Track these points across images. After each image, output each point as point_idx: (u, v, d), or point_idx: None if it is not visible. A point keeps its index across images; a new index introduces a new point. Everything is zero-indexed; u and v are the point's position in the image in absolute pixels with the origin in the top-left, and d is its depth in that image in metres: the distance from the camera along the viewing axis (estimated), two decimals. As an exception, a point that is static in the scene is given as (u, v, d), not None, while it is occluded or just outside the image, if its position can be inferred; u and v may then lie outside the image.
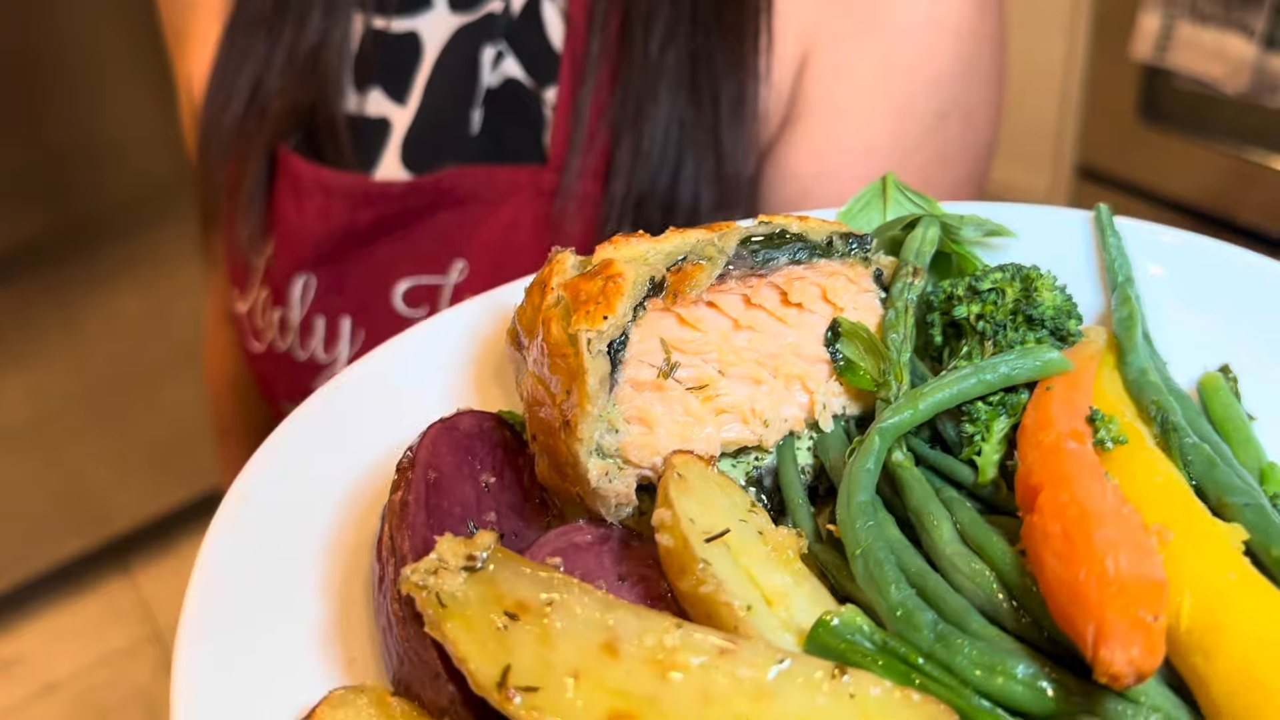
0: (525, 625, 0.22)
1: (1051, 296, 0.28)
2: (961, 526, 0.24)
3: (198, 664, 0.23)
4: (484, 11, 0.58)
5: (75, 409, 2.03)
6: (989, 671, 0.20)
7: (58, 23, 1.79)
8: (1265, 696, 0.19)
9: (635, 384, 0.27)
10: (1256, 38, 2.15)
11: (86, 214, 1.92)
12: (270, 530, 0.27)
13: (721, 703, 0.19)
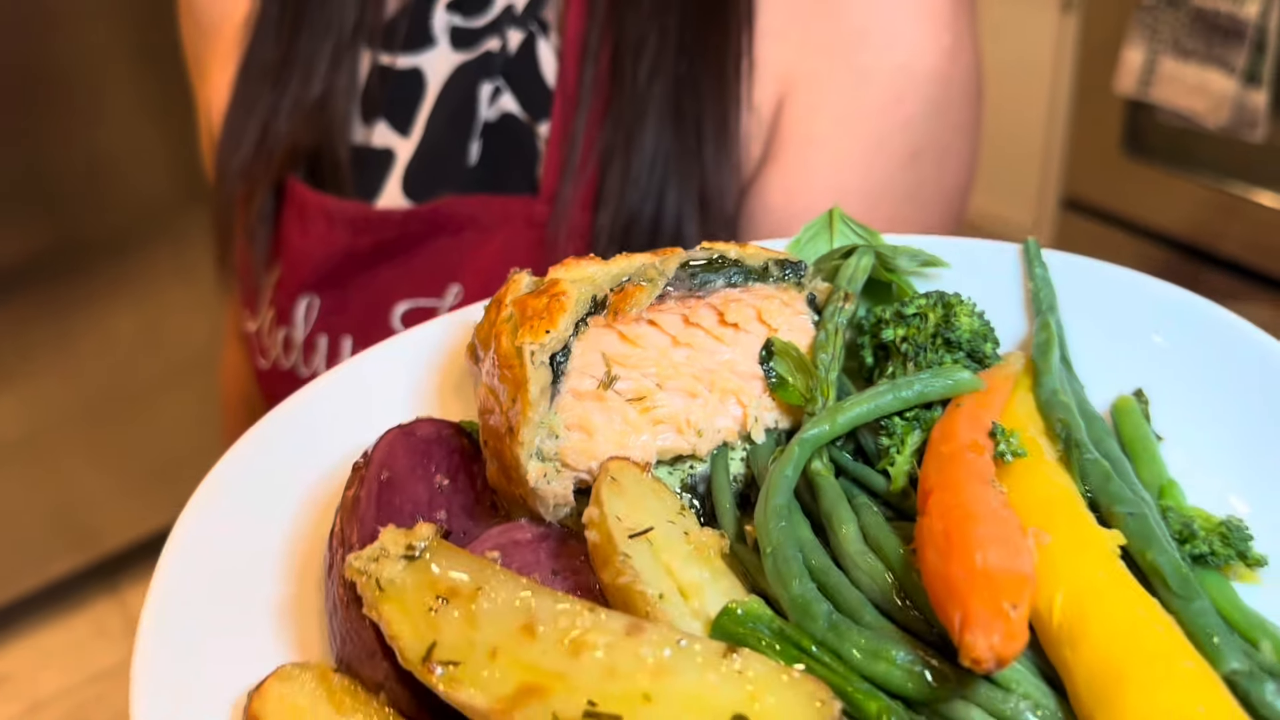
0: (454, 608, 0.24)
1: (969, 321, 0.30)
2: (865, 528, 0.26)
3: (159, 638, 0.25)
4: (483, 50, 0.60)
5: (68, 426, 2.05)
6: (872, 657, 0.22)
7: (59, 47, 1.81)
8: (1120, 684, 0.21)
9: (576, 394, 0.29)
10: (1237, 74, 2.19)
11: (82, 234, 1.94)
12: (236, 521, 0.30)
13: (624, 678, 0.21)
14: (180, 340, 2.19)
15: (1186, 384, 0.31)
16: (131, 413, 2.10)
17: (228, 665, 0.26)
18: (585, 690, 0.21)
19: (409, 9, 0.63)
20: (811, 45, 0.56)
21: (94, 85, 1.89)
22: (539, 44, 0.59)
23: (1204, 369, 0.31)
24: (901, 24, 0.55)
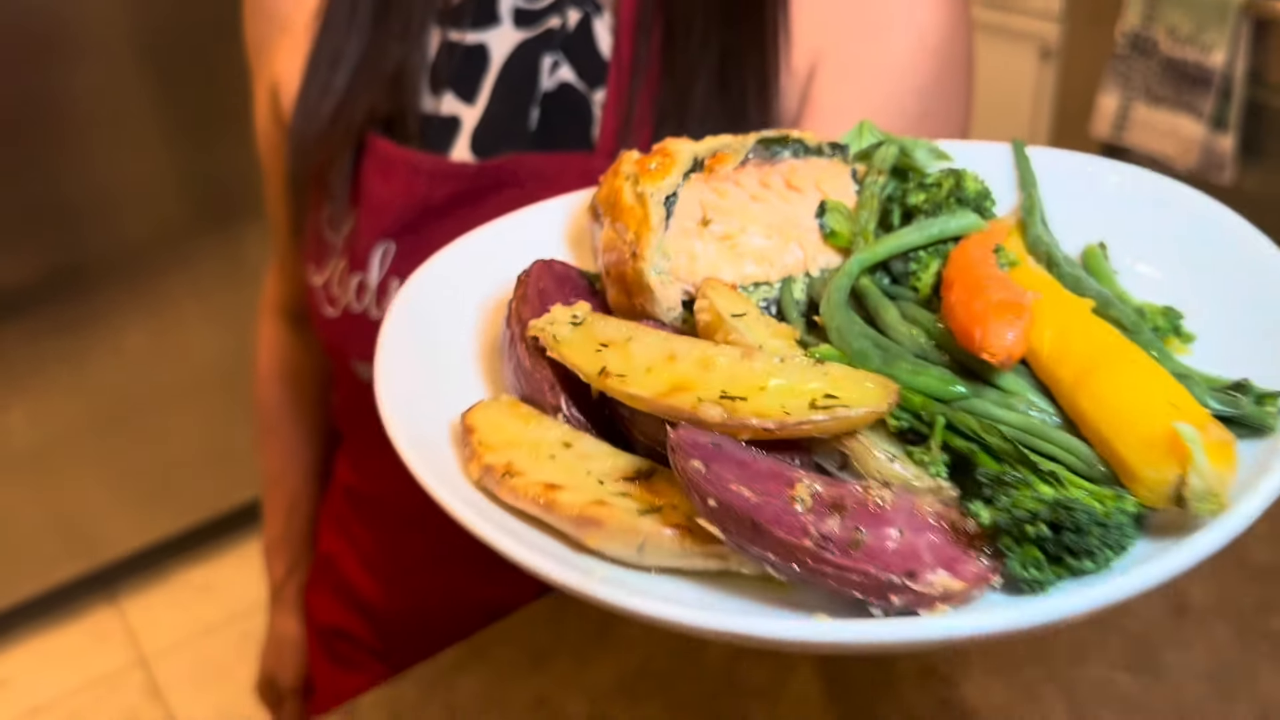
0: (613, 349, 0.32)
1: (975, 185, 0.39)
2: (903, 310, 0.35)
3: (391, 379, 0.34)
4: (544, 28, 0.67)
5: (76, 437, 2.08)
6: (916, 374, 0.31)
7: (76, 76, 1.87)
8: (1094, 372, 0.29)
9: (682, 230, 0.38)
10: (1205, 119, 2.28)
11: (97, 253, 1.98)
12: (436, 310, 0.39)
13: (744, 377, 0.30)
14: (189, 354, 2.21)
15: (1136, 235, 0.41)
16: (138, 425, 2.15)
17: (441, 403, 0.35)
18: (719, 385, 0.30)
19: None
20: (837, 21, 0.63)
21: (111, 113, 1.95)
22: (595, 22, 0.66)
23: (1150, 221, 0.40)
24: (916, 6, 0.63)
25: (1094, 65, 2.54)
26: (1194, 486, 0.26)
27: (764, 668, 0.67)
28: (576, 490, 0.30)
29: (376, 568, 0.86)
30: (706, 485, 0.27)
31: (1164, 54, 2.30)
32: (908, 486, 0.29)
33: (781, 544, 0.26)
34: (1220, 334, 0.35)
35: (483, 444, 0.32)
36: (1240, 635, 0.67)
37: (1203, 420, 0.28)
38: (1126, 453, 0.28)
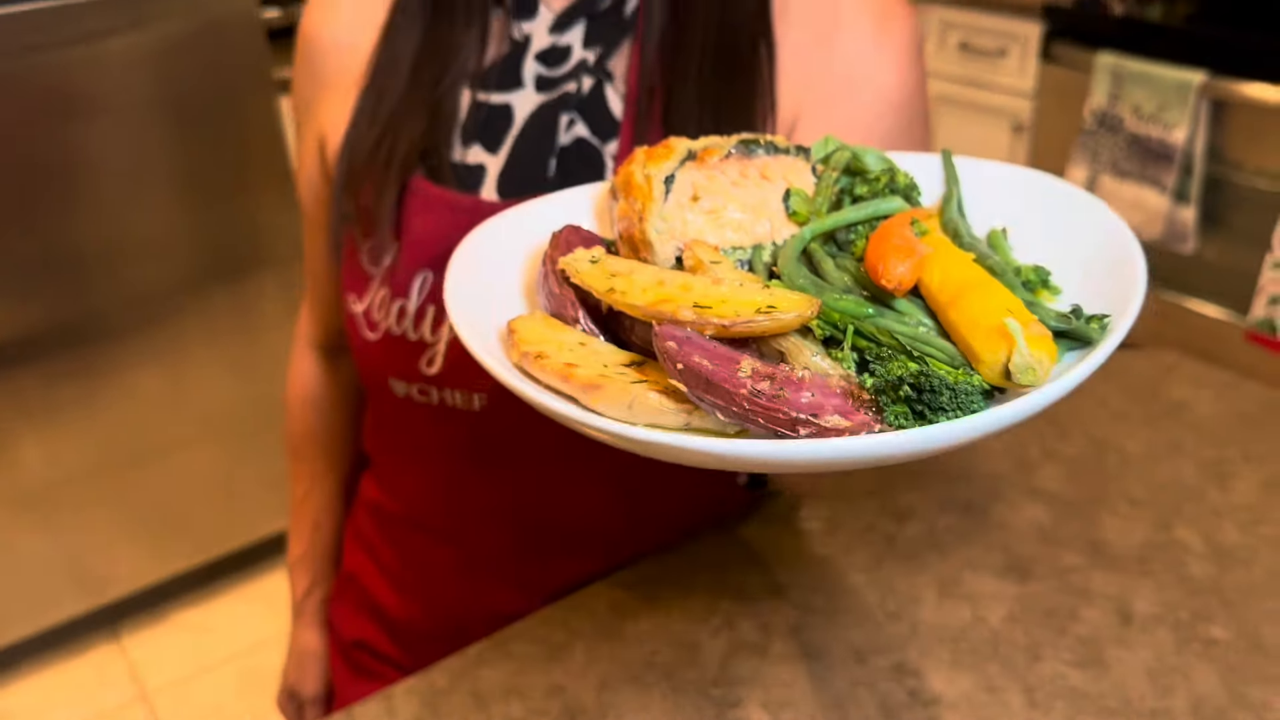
0: (619, 278, 0.44)
1: (906, 179, 0.50)
2: (837, 262, 0.46)
3: (459, 295, 0.46)
4: (561, 91, 0.76)
5: (87, 478, 2.12)
6: (838, 300, 0.43)
7: (95, 137, 1.95)
8: (964, 295, 0.41)
9: (677, 204, 0.49)
10: (1168, 192, 2.39)
11: (114, 301, 2.05)
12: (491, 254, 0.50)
13: (712, 294, 0.41)
14: (198, 399, 2.26)
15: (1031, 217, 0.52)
16: (146, 467, 2.20)
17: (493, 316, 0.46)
18: (693, 299, 0.41)
19: (504, 59, 0.78)
20: (813, 78, 0.73)
21: (130, 169, 2.02)
22: (606, 88, 0.75)
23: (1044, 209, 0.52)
24: (881, 65, 0.73)
25: (1063, 140, 2.65)
26: (1017, 363, 0.38)
27: (753, 660, 0.75)
28: (587, 368, 0.41)
29: (399, 582, 0.91)
30: (678, 355, 0.38)
31: (1129, 131, 2.40)
32: (823, 372, 0.40)
33: (727, 394, 0.38)
34: (1078, 285, 0.47)
35: (522, 339, 0.43)
36: (1177, 640, 0.76)
37: (1028, 320, 0.39)
38: (973, 342, 0.39)
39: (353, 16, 0.83)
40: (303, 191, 0.91)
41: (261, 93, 2.08)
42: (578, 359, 0.41)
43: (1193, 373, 1.09)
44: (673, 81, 0.72)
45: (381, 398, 0.84)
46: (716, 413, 0.38)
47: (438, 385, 0.78)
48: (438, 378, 0.78)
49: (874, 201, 0.49)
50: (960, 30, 2.72)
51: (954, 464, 0.96)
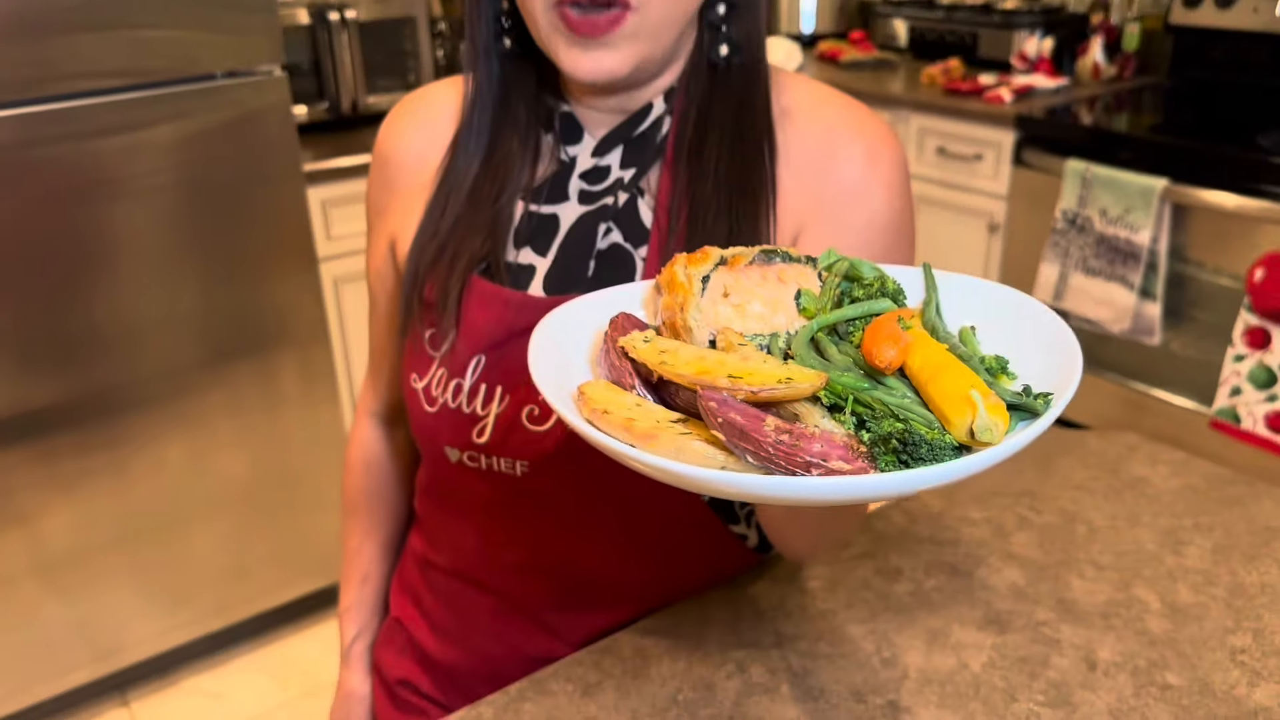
0: (668, 353, 0.56)
1: (894, 285, 0.63)
2: (839, 348, 0.59)
3: (541, 365, 0.58)
4: (600, 204, 0.88)
5: (109, 546, 2.19)
6: (841, 375, 0.55)
7: (126, 218, 2.07)
8: (940, 375, 0.54)
9: (711, 299, 0.62)
10: (1135, 289, 2.52)
11: (141, 377, 2.15)
12: (555, 338, 0.63)
13: (741, 367, 0.54)
14: (220, 471, 2.37)
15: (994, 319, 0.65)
16: (166, 537, 2.27)
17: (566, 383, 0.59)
18: (728, 370, 0.54)
19: (553, 176, 0.90)
20: (811, 200, 0.85)
21: (161, 248, 2.13)
22: (639, 202, 0.88)
23: (1002, 313, 0.65)
24: (871, 191, 0.84)
25: (1036, 239, 2.80)
26: (978, 425, 0.50)
27: (764, 699, 0.83)
28: (644, 422, 0.54)
29: (441, 628, 0.98)
30: (718, 412, 0.51)
31: (1097, 231, 2.54)
32: (830, 430, 0.53)
33: (756, 442, 0.50)
34: (1030, 372, 0.60)
35: (590, 399, 0.56)
36: (1136, 684, 0.84)
37: (988, 394, 0.52)
38: (946, 409, 0.52)
39: (422, 136, 0.96)
40: (372, 284, 1.03)
41: (291, 182, 2.21)
42: (636, 415, 0.54)
43: (1151, 452, 1.22)
44: (695, 197, 0.85)
45: (436, 462, 0.92)
46: (747, 457, 0.51)
47: (486, 453, 0.89)
48: (486, 446, 0.89)
49: (868, 302, 0.62)
50: (938, 137, 2.90)
51: (940, 531, 1.08)
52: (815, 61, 3.52)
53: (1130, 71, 3.01)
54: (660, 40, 0.77)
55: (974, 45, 3.24)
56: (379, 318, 1.04)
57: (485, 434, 0.87)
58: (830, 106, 0.85)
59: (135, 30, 1.97)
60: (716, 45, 0.83)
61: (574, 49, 0.75)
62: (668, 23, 0.76)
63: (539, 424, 0.84)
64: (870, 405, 0.54)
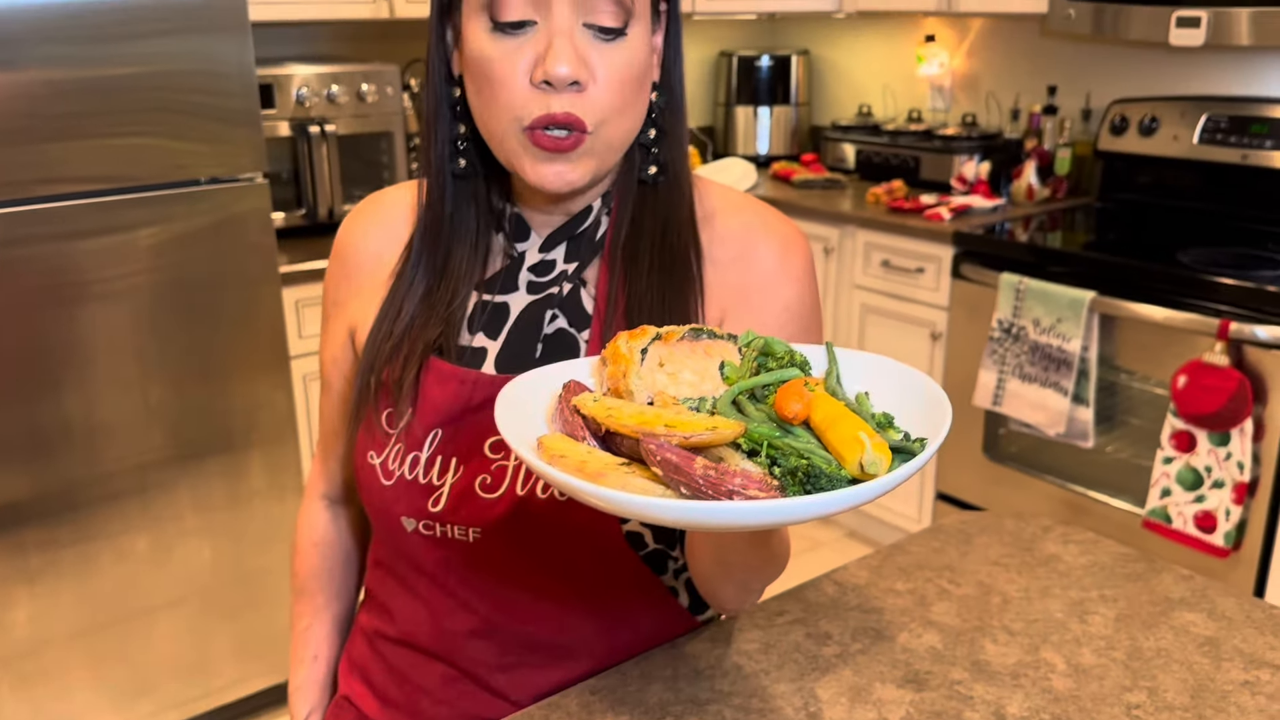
0: (613, 409, 0.66)
1: (801, 358, 0.74)
2: (756, 406, 0.70)
3: (506, 423, 0.67)
4: (547, 293, 0.97)
5: (71, 639, 2.20)
6: (758, 426, 0.65)
7: (107, 318, 2.13)
8: (835, 424, 0.64)
9: (648, 368, 0.72)
10: (1068, 395, 2.64)
11: (110, 472, 2.19)
12: (517, 401, 0.72)
13: (675, 419, 0.64)
14: (187, 564, 2.40)
15: (882, 388, 0.76)
16: (130, 630, 2.29)
17: (527, 435, 0.68)
18: (664, 421, 0.64)
19: (504, 270, 0.99)
20: (733, 290, 0.96)
21: (133, 348, 2.18)
22: (581, 291, 0.98)
23: (890, 381, 0.76)
24: (784, 282, 0.96)
25: (975, 346, 2.93)
26: (866, 459, 0.61)
27: None
28: (594, 464, 0.63)
29: (391, 701, 1.01)
30: (657, 453, 0.61)
31: (1031, 340, 2.67)
32: (748, 469, 0.63)
33: (689, 475, 0.60)
34: (911, 426, 0.71)
35: (548, 448, 0.65)
36: None
37: (874, 435, 0.63)
38: (841, 449, 0.62)
39: (380, 235, 1.05)
40: (327, 369, 1.09)
41: (268, 283, 2.31)
42: (588, 459, 0.63)
43: (1063, 533, 1.32)
44: (630, 292, 0.96)
45: (391, 533, 0.96)
46: (681, 488, 0.60)
47: (441, 520, 0.92)
48: (441, 514, 0.92)
49: (780, 371, 0.73)
50: (883, 251, 3.06)
51: (867, 600, 1.17)
52: (769, 180, 3.71)
53: (1062, 193, 3.21)
54: (610, 157, 0.87)
55: (916, 168, 3.44)
56: (332, 401, 1.05)
57: (441, 502, 0.92)
58: (747, 211, 0.96)
59: (125, 138, 2.08)
60: (646, 165, 0.93)
61: (540, 164, 0.85)
62: (616, 144, 0.87)
63: (491, 491, 0.90)
64: (781, 449, 0.64)
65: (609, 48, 0.83)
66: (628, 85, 0.84)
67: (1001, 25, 3.36)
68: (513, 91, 0.82)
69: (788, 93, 3.96)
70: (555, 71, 0.80)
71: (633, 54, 0.84)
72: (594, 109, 0.83)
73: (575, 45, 0.81)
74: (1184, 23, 2.57)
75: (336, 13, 2.59)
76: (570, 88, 0.81)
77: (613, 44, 0.83)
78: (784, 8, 3.55)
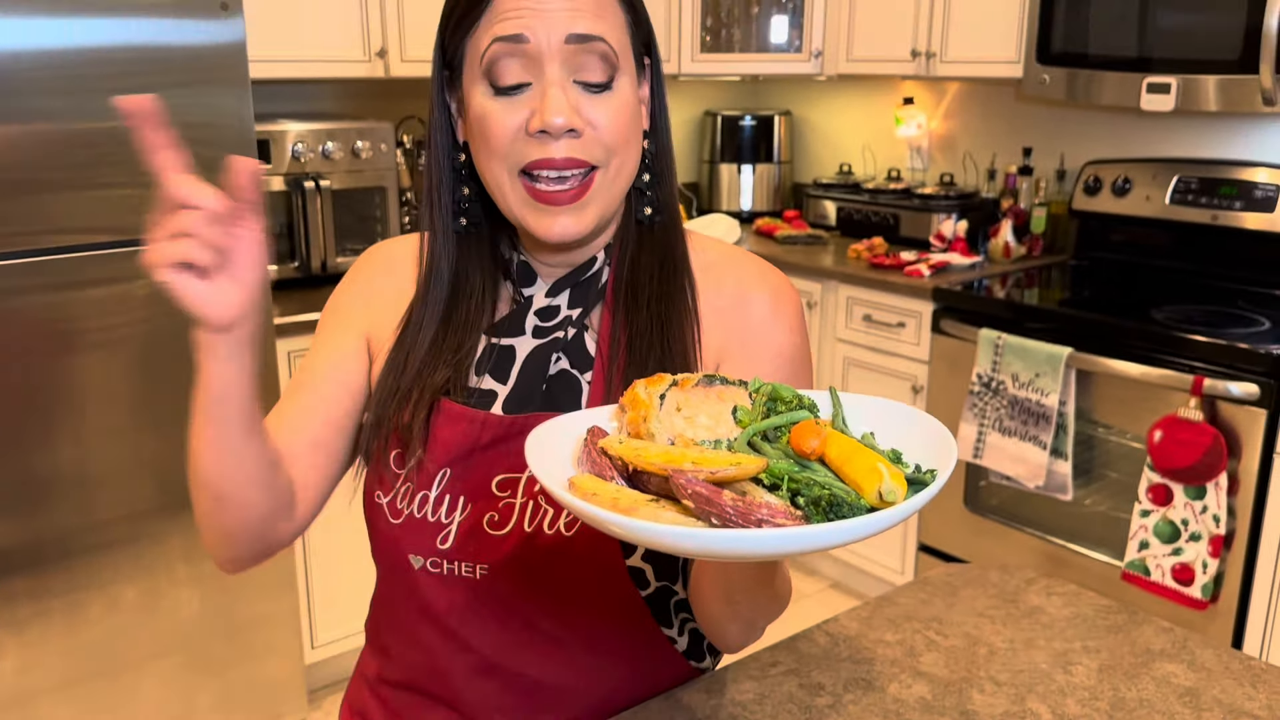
0: (639, 449, 0.70)
1: (808, 400, 0.78)
2: (772, 445, 0.74)
3: (537, 463, 0.71)
4: (552, 337, 1.01)
5: (59, 688, 2.19)
6: (778, 462, 0.69)
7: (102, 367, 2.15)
8: (852, 459, 0.68)
9: (667, 412, 0.76)
10: (1047, 449, 2.67)
11: (105, 519, 2.19)
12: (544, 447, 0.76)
13: (699, 456, 0.68)
14: (174, 614, 2.39)
15: (888, 426, 0.80)
16: (117, 680, 2.27)
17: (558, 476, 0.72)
18: (690, 459, 0.68)
19: (511, 314, 1.03)
20: (729, 335, 1.01)
21: (124, 398, 2.18)
22: (585, 335, 1.02)
23: (897, 421, 0.80)
24: (777, 328, 1.01)
25: (955, 400, 2.98)
26: (884, 488, 0.65)
27: None
28: (625, 500, 0.67)
29: None
30: (687, 486, 0.65)
31: (1010, 394, 2.72)
32: (771, 501, 0.67)
33: (719, 506, 0.64)
34: (917, 457, 0.75)
35: (579, 487, 0.69)
36: None
37: (891, 467, 0.67)
38: (859, 479, 0.66)
39: (407, 274, 1.07)
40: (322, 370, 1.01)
41: (262, 334, 2.33)
42: (619, 497, 0.67)
43: (1046, 585, 1.36)
44: (632, 332, 1.00)
45: (397, 572, 0.98)
46: (712, 519, 0.64)
47: (449, 558, 0.94)
48: (449, 552, 0.94)
49: (790, 413, 0.77)
50: (865, 306, 3.12)
51: (858, 651, 1.20)
52: (753, 236, 3.78)
53: (1038, 251, 3.29)
54: (612, 203, 0.92)
55: (896, 225, 3.52)
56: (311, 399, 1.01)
57: (449, 540, 0.94)
58: (742, 262, 1.01)
59: (126, 190, 2.12)
60: (642, 207, 0.99)
61: (543, 217, 0.90)
62: (617, 189, 0.92)
63: (499, 529, 0.92)
64: (802, 482, 0.68)
65: (599, 100, 0.89)
66: (622, 131, 0.90)
67: (977, 89, 3.46)
68: (511, 141, 0.88)
69: (770, 151, 4.05)
70: (552, 121, 0.86)
71: (622, 103, 0.90)
72: (594, 153, 0.89)
73: (569, 97, 0.87)
74: (1155, 89, 2.67)
75: (334, 71, 2.65)
76: (568, 135, 0.87)
77: (602, 96, 0.89)
78: (766, 70, 3.65)
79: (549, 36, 0.85)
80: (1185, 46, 2.61)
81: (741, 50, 3.72)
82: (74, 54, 1.90)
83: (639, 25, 0.93)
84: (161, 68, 1.98)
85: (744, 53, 3.71)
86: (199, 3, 2.02)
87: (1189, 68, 2.60)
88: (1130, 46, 2.72)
